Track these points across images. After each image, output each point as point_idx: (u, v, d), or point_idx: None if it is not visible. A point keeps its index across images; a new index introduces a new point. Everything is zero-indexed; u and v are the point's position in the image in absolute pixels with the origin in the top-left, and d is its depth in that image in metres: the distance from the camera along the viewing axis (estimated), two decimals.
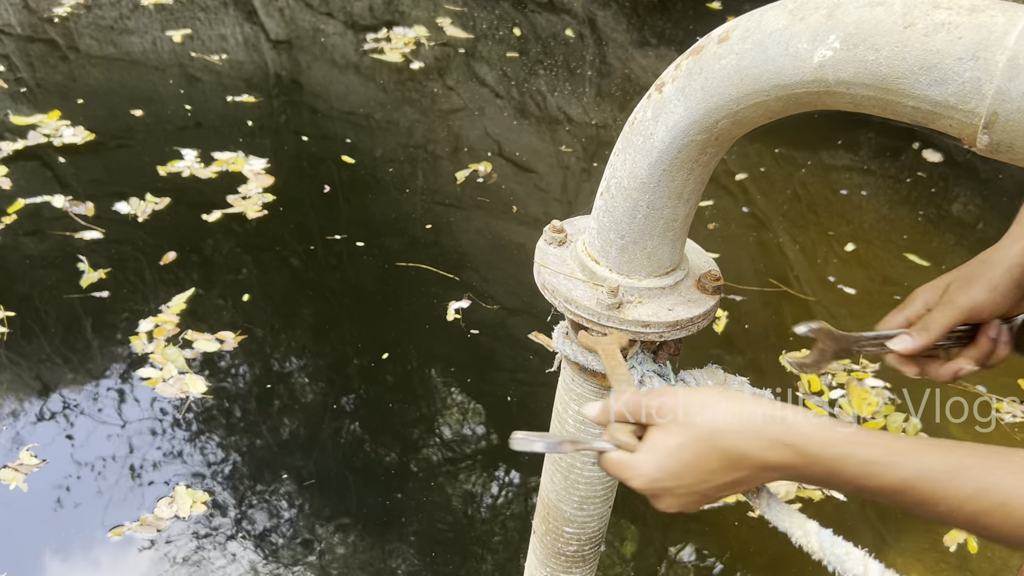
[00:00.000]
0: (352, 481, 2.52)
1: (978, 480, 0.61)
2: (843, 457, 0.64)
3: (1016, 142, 0.75)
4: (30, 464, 2.46)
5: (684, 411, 0.70)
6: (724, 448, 0.67)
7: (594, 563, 1.30)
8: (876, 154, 4.21)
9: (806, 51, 0.81)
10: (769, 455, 0.66)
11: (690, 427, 0.69)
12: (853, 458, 0.64)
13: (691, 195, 0.95)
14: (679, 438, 0.70)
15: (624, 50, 5.28)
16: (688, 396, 0.71)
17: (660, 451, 0.70)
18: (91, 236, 3.33)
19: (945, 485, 0.62)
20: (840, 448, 0.64)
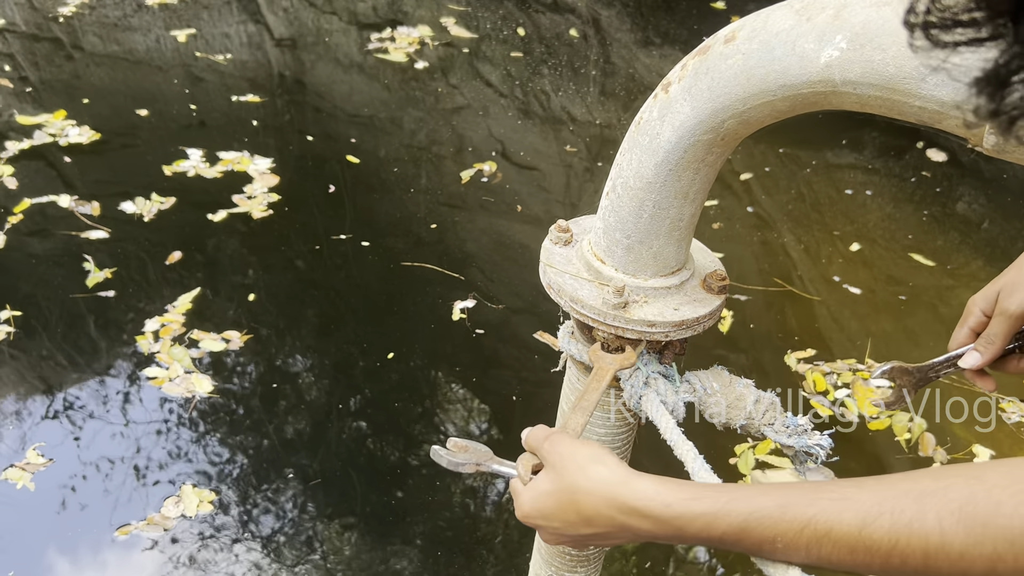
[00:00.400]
0: (357, 480, 2.52)
1: (805, 512, 0.65)
2: (683, 515, 0.69)
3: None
4: (37, 463, 2.47)
5: (561, 463, 0.77)
6: (579, 507, 0.74)
7: (599, 563, 1.30)
8: (880, 153, 4.20)
9: (813, 51, 0.81)
10: (618, 518, 0.72)
11: (559, 479, 0.76)
12: (690, 513, 0.69)
13: (697, 195, 0.95)
14: (549, 486, 0.77)
15: (628, 50, 5.28)
16: (572, 450, 0.77)
17: (536, 492, 0.78)
18: (97, 236, 3.34)
19: (776, 522, 0.66)
20: (679, 507, 0.69)
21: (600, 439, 1.13)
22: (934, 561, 0.63)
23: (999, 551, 0.60)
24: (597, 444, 0.80)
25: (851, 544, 0.65)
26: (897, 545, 0.63)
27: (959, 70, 0.46)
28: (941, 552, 0.62)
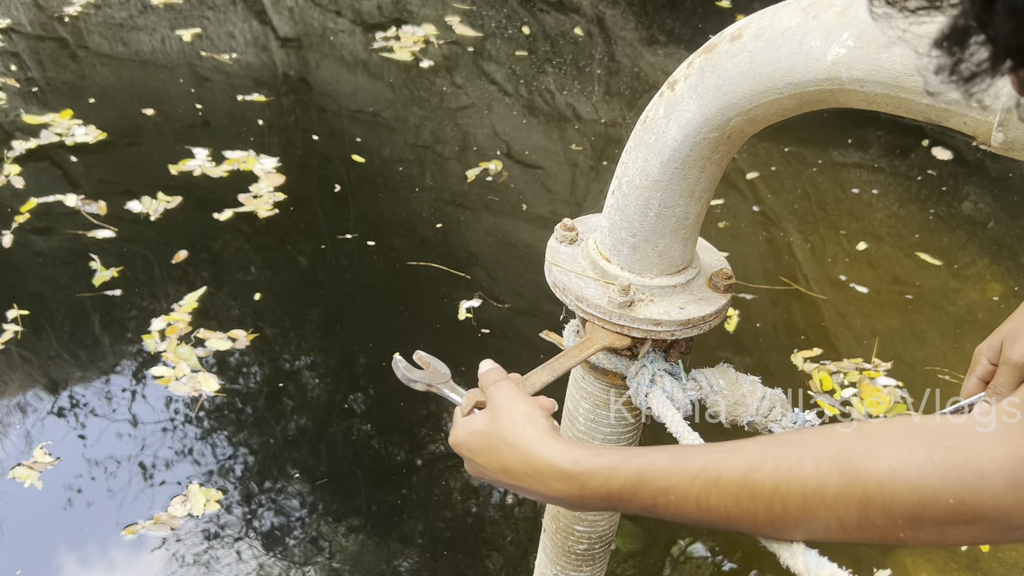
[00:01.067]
0: (362, 480, 2.53)
1: (695, 462, 0.68)
2: (586, 470, 0.72)
3: None
4: (44, 462, 2.48)
5: (498, 410, 0.82)
6: (501, 455, 0.79)
7: (604, 562, 1.30)
8: (886, 152, 4.19)
9: (819, 49, 0.81)
10: (531, 474, 0.76)
11: (492, 425, 0.81)
12: (593, 467, 0.72)
13: (703, 193, 0.95)
14: (482, 427, 0.82)
15: (633, 48, 5.27)
16: (511, 402, 0.82)
17: (470, 428, 0.83)
18: (103, 235, 3.35)
19: (669, 473, 0.69)
20: (583, 463, 0.73)
21: (605, 438, 1.13)
22: (811, 505, 0.64)
23: (869, 493, 0.62)
24: (537, 404, 0.83)
25: (736, 491, 0.67)
26: (778, 490, 0.65)
27: (919, 40, 0.47)
28: (817, 495, 0.64)
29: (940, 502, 0.60)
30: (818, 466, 0.64)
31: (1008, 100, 0.74)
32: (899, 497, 0.61)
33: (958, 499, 0.59)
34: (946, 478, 0.60)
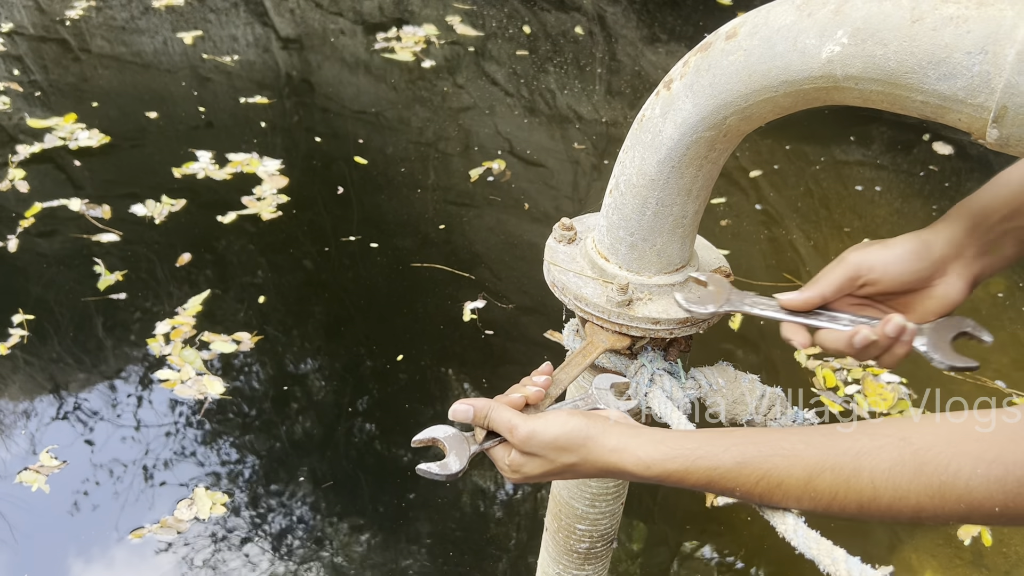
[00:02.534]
0: (367, 482, 2.53)
1: (760, 467, 0.76)
2: (660, 474, 0.79)
3: None
4: (51, 466, 2.49)
5: (543, 453, 0.83)
6: (573, 473, 0.84)
7: (606, 560, 1.30)
8: (888, 148, 4.18)
9: (814, 47, 0.81)
10: (608, 473, 0.83)
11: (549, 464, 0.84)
12: (665, 471, 0.79)
13: (700, 192, 0.95)
14: (539, 470, 0.85)
15: (634, 47, 5.27)
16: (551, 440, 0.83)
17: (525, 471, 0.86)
18: (108, 238, 3.36)
19: (736, 476, 0.76)
20: (657, 468, 0.79)
21: None
22: (867, 510, 0.73)
23: (921, 503, 0.70)
24: (559, 418, 0.83)
25: (798, 494, 0.75)
26: (836, 496, 0.73)
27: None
28: (873, 503, 0.72)
29: (986, 509, 0.67)
30: (873, 480, 0.71)
31: (1003, 96, 0.74)
32: (948, 506, 0.68)
33: (1003, 506, 0.66)
34: (991, 489, 0.66)
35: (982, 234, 0.86)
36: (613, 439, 0.81)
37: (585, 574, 1.29)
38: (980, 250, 0.86)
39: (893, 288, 0.88)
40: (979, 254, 0.86)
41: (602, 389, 0.92)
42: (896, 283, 0.87)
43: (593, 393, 0.92)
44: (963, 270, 0.86)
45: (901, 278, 0.87)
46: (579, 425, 0.82)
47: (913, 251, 0.87)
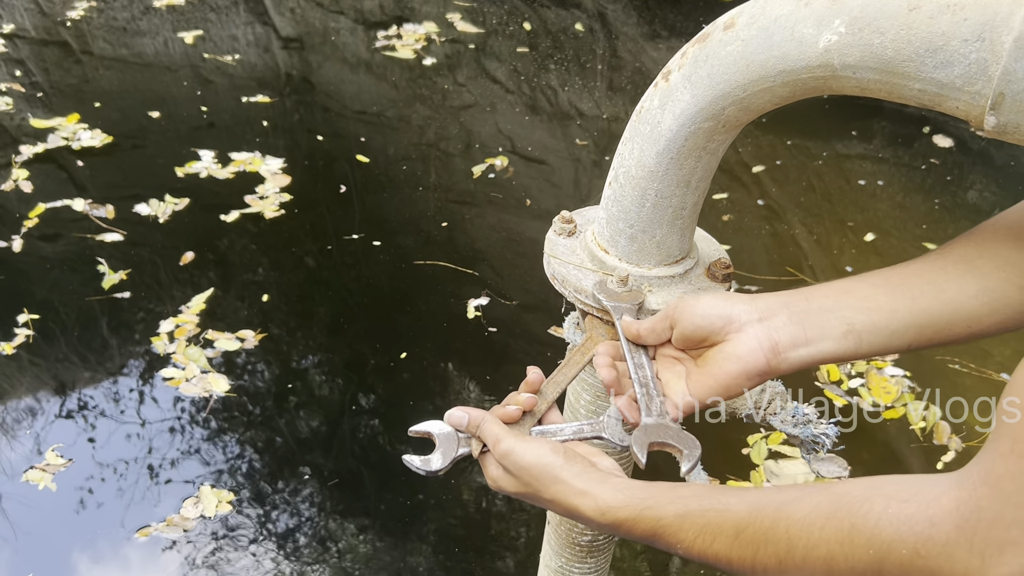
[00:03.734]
0: (372, 479, 2.54)
1: (697, 522, 0.75)
2: (612, 522, 0.79)
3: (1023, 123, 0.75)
4: (57, 464, 2.49)
5: (519, 473, 0.85)
6: (539, 501, 0.85)
7: (608, 553, 1.31)
8: (890, 142, 4.18)
9: (811, 36, 0.81)
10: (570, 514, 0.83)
11: (524, 486, 0.85)
12: (616, 519, 0.79)
13: (699, 183, 0.96)
14: (514, 487, 0.87)
15: (635, 43, 5.27)
16: (528, 464, 0.84)
17: (501, 485, 0.89)
18: (111, 238, 3.37)
19: (677, 530, 0.75)
20: (610, 516, 0.79)
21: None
22: (785, 567, 0.69)
23: (832, 553, 0.66)
24: (544, 447, 0.85)
25: (727, 552, 0.73)
26: (757, 552, 0.71)
27: None
28: (788, 557, 0.69)
29: (896, 555, 0.61)
30: (788, 531, 0.69)
31: (1000, 83, 0.74)
32: (857, 553, 0.64)
33: (912, 551, 0.60)
34: (899, 529, 0.61)
35: (797, 305, 0.82)
36: (581, 483, 0.81)
37: (587, 567, 1.29)
38: (791, 319, 0.81)
39: (690, 333, 0.86)
40: (790, 323, 0.81)
41: (612, 419, 0.91)
42: (692, 327, 0.85)
43: (604, 420, 0.91)
44: (762, 333, 0.81)
45: (695, 322, 0.85)
46: (554, 462, 0.83)
47: (715, 301, 0.85)
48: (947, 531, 0.59)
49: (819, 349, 0.81)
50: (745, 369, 0.82)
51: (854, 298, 0.82)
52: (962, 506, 0.59)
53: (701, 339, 0.85)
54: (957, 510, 0.59)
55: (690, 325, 0.85)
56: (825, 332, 0.81)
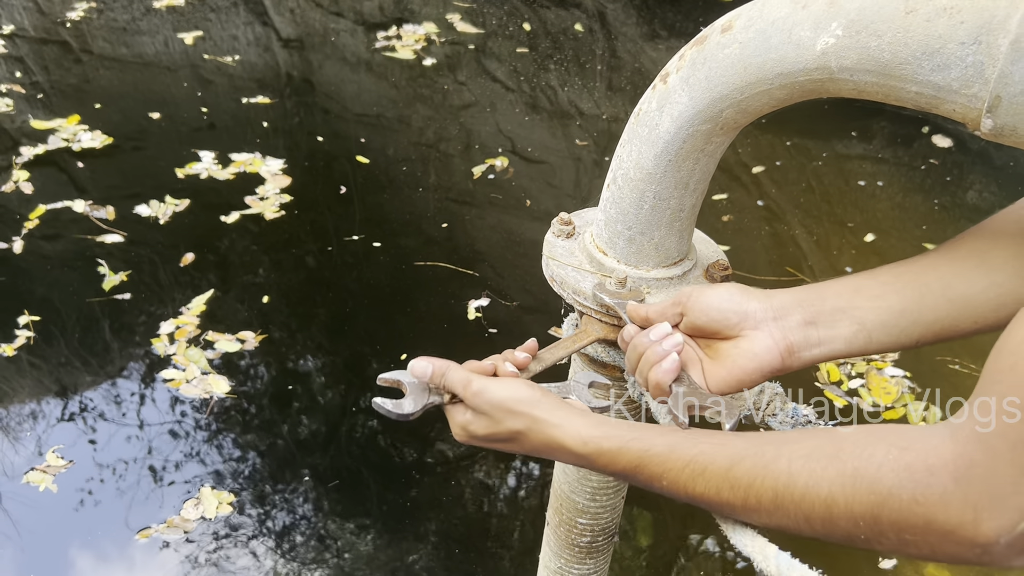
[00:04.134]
0: (372, 480, 2.54)
1: (688, 452, 0.74)
2: (595, 451, 0.78)
3: (1020, 125, 0.75)
4: (57, 465, 2.50)
5: (492, 412, 0.84)
6: (515, 444, 0.84)
7: (608, 554, 1.31)
8: (889, 142, 4.18)
9: (809, 39, 0.81)
10: (549, 449, 0.82)
11: (496, 425, 0.84)
12: (599, 449, 0.78)
13: (697, 185, 0.96)
14: (484, 430, 0.85)
15: (634, 43, 5.27)
16: (500, 399, 0.84)
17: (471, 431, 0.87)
18: (112, 239, 3.37)
19: (665, 459, 0.75)
20: (592, 445, 0.78)
21: None
22: (781, 501, 0.69)
23: (833, 493, 0.66)
24: (516, 383, 0.85)
25: (718, 483, 0.72)
26: (753, 484, 0.70)
27: None
28: (787, 492, 0.69)
29: (896, 501, 0.63)
30: (790, 465, 0.69)
31: (997, 85, 0.74)
32: (859, 496, 0.65)
33: (911, 497, 0.62)
34: (900, 476, 0.63)
35: (811, 304, 0.83)
36: (558, 414, 0.81)
37: (586, 568, 1.29)
38: (806, 319, 0.82)
39: (702, 323, 0.85)
40: (804, 323, 0.82)
41: (580, 383, 0.93)
42: (704, 318, 0.85)
43: (570, 383, 0.92)
44: (777, 332, 0.82)
45: (708, 314, 0.85)
46: (530, 394, 0.83)
47: (731, 295, 0.85)
48: (944, 482, 0.61)
49: (831, 348, 0.83)
50: (760, 367, 0.83)
51: (865, 297, 0.84)
52: (958, 459, 0.61)
53: (713, 331, 0.86)
54: (953, 462, 0.61)
55: (703, 316, 0.85)
56: (836, 332, 0.83)
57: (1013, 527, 0.59)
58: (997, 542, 0.59)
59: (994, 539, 0.59)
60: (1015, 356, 0.61)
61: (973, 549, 0.61)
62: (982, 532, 0.60)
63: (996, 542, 0.59)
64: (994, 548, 0.60)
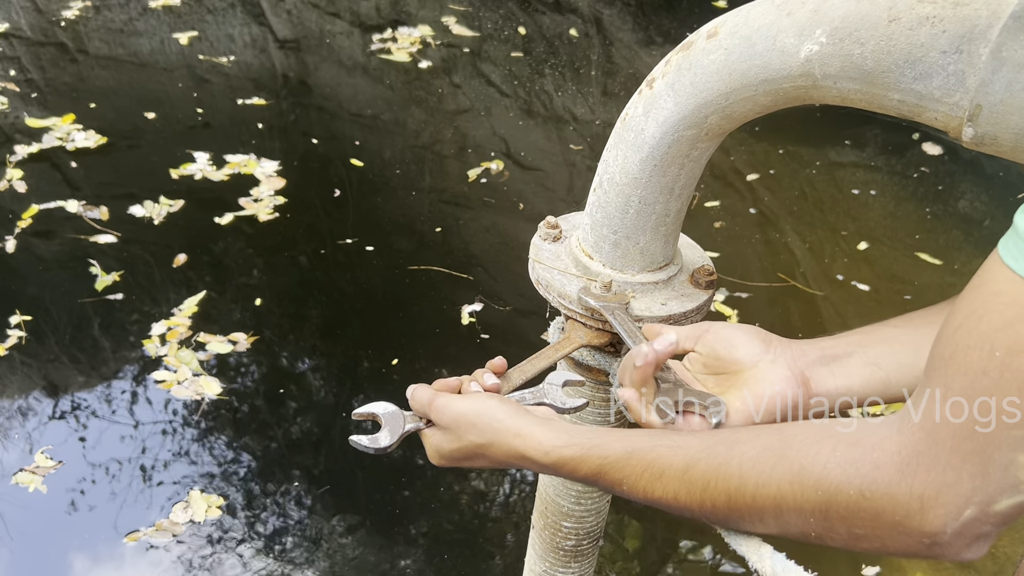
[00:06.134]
0: (363, 482, 2.54)
1: (645, 457, 0.75)
2: (557, 461, 0.79)
3: (1000, 134, 0.75)
4: (47, 466, 2.49)
5: (455, 426, 0.85)
6: (482, 458, 0.85)
7: (593, 558, 1.31)
8: (882, 150, 4.20)
9: (793, 46, 0.82)
10: (514, 460, 0.82)
11: (458, 440, 0.85)
12: (562, 459, 0.79)
13: (682, 190, 0.96)
14: (450, 446, 0.86)
15: (630, 49, 5.28)
16: (461, 412, 0.85)
17: (440, 449, 0.87)
18: (105, 240, 3.36)
19: (624, 466, 0.76)
20: (554, 455, 0.79)
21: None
22: (735, 503, 0.70)
23: (783, 491, 0.67)
24: (478, 397, 0.86)
25: (675, 487, 0.73)
26: (708, 487, 0.71)
27: None
28: (739, 494, 0.70)
29: (844, 496, 0.64)
30: (741, 467, 0.70)
31: (977, 94, 0.75)
32: (807, 493, 0.65)
33: (858, 492, 0.63)
34: (847, 471, 0.64)
35: (826, 348, 0.85)
36: (519, 424, 0.82)
37: (571, 571, 1.29)
38: (821, 358, 0.84)
39: (721, 352, 0.86)
40: (820, 361, 0.84)
41: (553, 385, 0.93)
42: (725, 345, 0.86)
43: (544, 387, 0.93)
44: (792, 363, 0.84)
45: (731, 341, 0.86)
46: (490, 406, 0.83)
47: (753, 333, 0.86)
48: (890, 474, 0.62)
49: (848, 385, 0.84)
50: (777, 392, 0.82)
51: (877, 340, 0.86)
52: (903, 450, 0.62)
53: (731, 361, 0.86)
54: (899, 454, 0.62)
55: (724, 344, 0.86)
56: (852, 371, 0.84)
57: (959, 515, 0.60)
58: (944, 531, 0.60)
59: (941, 528, 0.60)
60: (952, 345, 0.62)
61: (922, 540, 0.62)
62: (929, 522, 0.60)
63: (943, 531, 0.60)
64: (942, 538, 0.61)
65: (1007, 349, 0.57)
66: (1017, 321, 0.57)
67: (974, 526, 0.60)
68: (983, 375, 0.59)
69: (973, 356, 0.59)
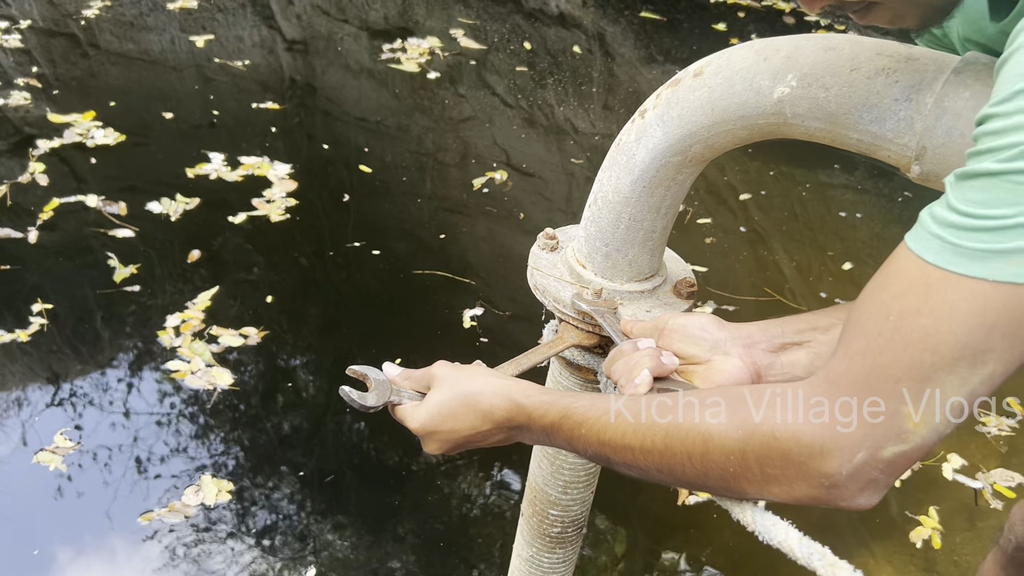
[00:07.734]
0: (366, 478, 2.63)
1: (603, 405, 0.84)
2: (535, 405, 0.88)
3: (942, 173, 0.87)
4: (65, 447, 2.59)
5: (453, 377, 0.95)
6: (478, 404, 0.91)
7: (576, 545, 1.41)
8: (869, 174, 4.32)
9: (767, 87, 0.93)
10: (509, 408, 0.90)
11: (453, 389, 0.94)
12: (537, 402, 0.89)
13: (668, 209, 1.07)
14: (442, 396, 0.94)
15: (631, 66, 5.41)
16: (457, 368, 0.96)
17: (431, 404, 0.95)
18: (123, 234, 3.47)
19: (586, 410, 0.85)
20: (534, 399, 0.89)
21: None
22: (670, 440, 0.79)
23: (711, 430, 0.76)
24: (474, 365, 0.97)
25: (624, 428, 0.81)
26: (652, 427, 0.80)
27: None
28: (675, 431, 0.78)
29: (759, 436, 0.73)
30: (680, 409, 0.79)
31: (922, 137, 0.86)
32: (731, 432, 0.75)
33: (771, 432, 0.72)
34: (765, 415, 0.73)
35: (774, 336, 0.95)
36: (506, 377, 0.95)
37: (556, 556, 1.40)
38: (770, 348, 0.94)
39: (677, 344, 0.97)
40: (769, 351, 0.94)
41: None
42: (680, 336, 0.96)
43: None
44: (747, 357, 0.93)
45: (684, 332, 0.96)
46: (480, 369, 0.96)
47: (704, 322, 0.97)
48: (798, 418, 0.72)
49: (792, 374, 0.94)
50: (732, 380, 0.93)
51: (819, 331, 0.95)
52: (811, 398, 0.72)
53: (688, 355, 0.96)
54: (806, 401, 0.72)
55: (679, 335, 0.97)
56: (797, 359, 0.94)
57: (852, 459, 0.69)
58: (840, 473, 0.69)
59: (836, 470, 0.69)
60: (858, 312, 0.72)
61: (822, 482, 0.71)
62: (827, 463, 0.70)
63: (839, 472, 0.69)
64: (838, 479, 0.70)
65: (899, 313, 0.68)
66: (909, 291, 0.68)
67: (865, 471, 0.69)
68: (878, 335, 0.69)
69: (872, 319, 0.70)
